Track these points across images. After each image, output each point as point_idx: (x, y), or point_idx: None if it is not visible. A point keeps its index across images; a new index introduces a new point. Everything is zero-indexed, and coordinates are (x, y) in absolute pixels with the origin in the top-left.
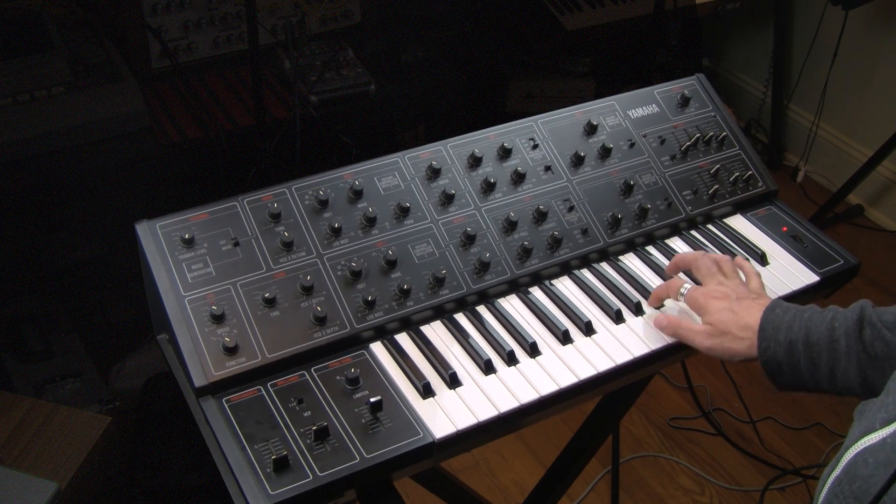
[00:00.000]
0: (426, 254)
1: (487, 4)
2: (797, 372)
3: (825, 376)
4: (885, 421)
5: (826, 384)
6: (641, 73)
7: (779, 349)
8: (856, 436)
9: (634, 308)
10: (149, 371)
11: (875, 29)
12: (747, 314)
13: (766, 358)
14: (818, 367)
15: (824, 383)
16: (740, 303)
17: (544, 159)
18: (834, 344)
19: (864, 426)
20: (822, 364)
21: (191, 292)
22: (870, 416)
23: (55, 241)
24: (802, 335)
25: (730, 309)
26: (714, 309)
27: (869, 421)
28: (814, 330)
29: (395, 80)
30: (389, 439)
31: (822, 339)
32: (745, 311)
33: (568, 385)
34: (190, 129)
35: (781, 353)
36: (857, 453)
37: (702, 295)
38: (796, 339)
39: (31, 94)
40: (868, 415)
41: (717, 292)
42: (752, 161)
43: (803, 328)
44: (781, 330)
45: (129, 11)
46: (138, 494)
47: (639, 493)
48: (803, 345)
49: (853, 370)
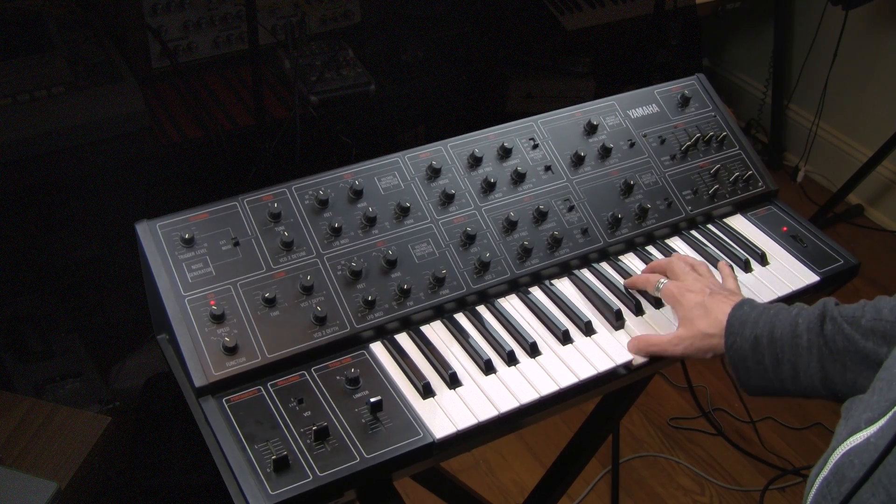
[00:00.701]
0: (426, 254)
1: (487, 4)
2: (761, 369)
3: (788, 373)
4: (869, 420)
5: (789, 382)
6: (641, 73)
7: (744, 344)
8: (842, 436)
9: (634, 308)
10: (149, 371)
11: (875, 29)
12: (718, 309)
13: (732, 353)
14: (781, 363)
15: (788, 381)
16: (713, 297)
17: (544, 159)
18: (796, 339)
19: (851, 426)
20: (784, 360)
21: (191, 292)
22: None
23: (55, 241)
24: (767, 331)
25: (702, 304)
26: (688, 303)
27: (855, 421)
28: (778, 325)
29: (395, 80)
30: (389, 439)
31: (785, 335)
32: (717, 305)
33: (568, 385)
34: (190, 129)
35: (747, 348)
36: (844, 454)
37: (677, 288)
38: (761, 335)
39: (31, 94)
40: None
41: (692, 286)
42: (752, 161)
43: (768, 324)
44: (748, 325)
45: (129, 11)
46: (138, 494)
47: (639, 493)
48: (767, 340)
49: (814, 366)
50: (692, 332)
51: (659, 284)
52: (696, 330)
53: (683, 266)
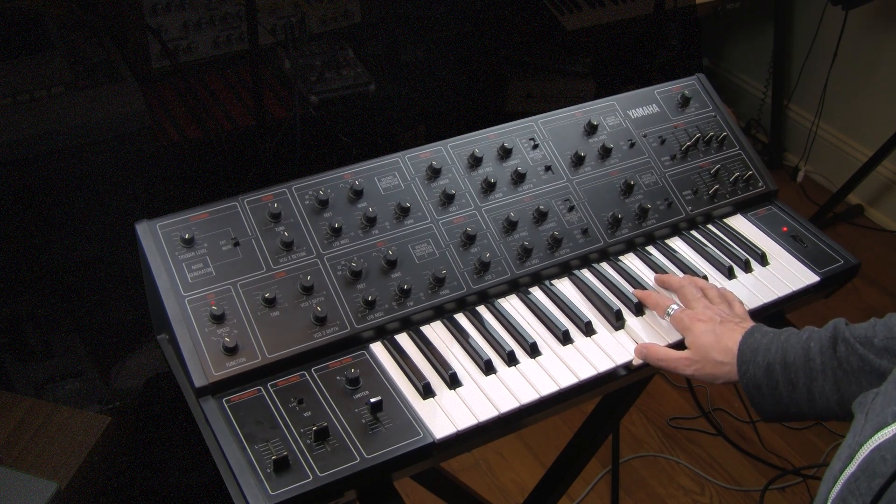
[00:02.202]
0: (426, 254)
1: (487, 4)
2: (776, 394)
3: (803, 396)
4: None
5: (805, 405)
6: (641, 73)
7: (758, 371)
8: (868, 432)
9: (634, 308)
10: (149, 371)
11: (875, 29)
12: (728, 338)
13: (746, 381)
14: (796, 388)
15: (804, 404)
16: (723, 326)
17: (544, 159)
18: (810, 363)
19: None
20: (799, 384)
21: (191, 292)
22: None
23: (55, 241)
24: (780, 356)
25: (713, 331)
26: (698, 331)
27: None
28: (790, 351)
29: (395, 80)
30: (389, 439)
31: (798, 359)
32: (727, 334)
33: (568, 385)
34: (190, 129)
35: (760, 375)
36: (873, 450)
37: (687, 317)
38: (774, 361)
39: (31, 94)
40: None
41: (702, 315)
42: (752, 161)
43: (780, 350)
44: (759, 352)
45: (129, 11)
46: (138, 494)
47: (639, 493)
48: (781, 366)
49: (829, 387)
50: (703, 358)
51: (669, 310)
52: (708, 356)
53: (694, 291)
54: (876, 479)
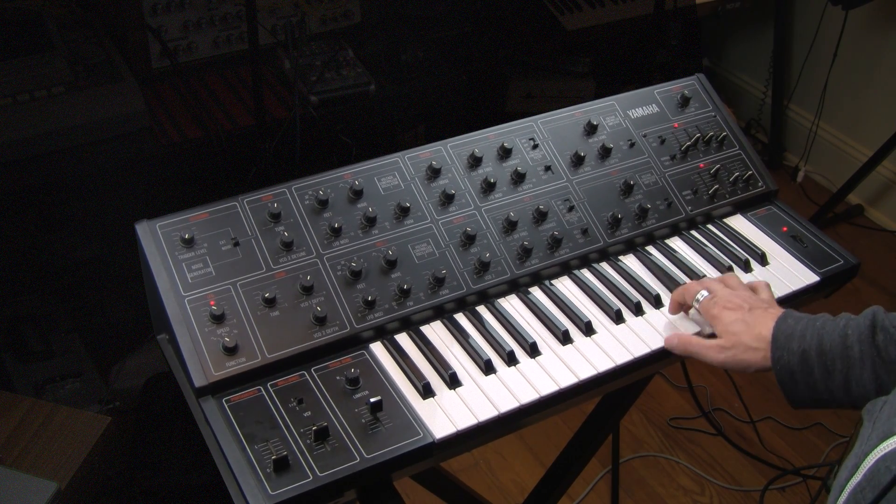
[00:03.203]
0: (426, 254)
1: (487, 4)
2: (811, 381)
3: (839, 384)
4: None
5: (840, 393)
6: (641, 73)
7: (792, 358)
8: (874, 441)
9: (634, 308)
10: (149, 371)
11: (875, 29)
12: (760, 324)
13: (780, 368)
14: (832, 376)
15: (839, 392)
16: (752, 313)
17: (544, 159)
18: (847, 350)
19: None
20: (836, 372)
21: (191, 292)
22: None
23: (55, 241)
24: (815, 343)
25: (742, 320)
26: (727, 319)
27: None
28: (826, 338)
29: (395, 80)
30: (389, 439)
31: (835, 347)
32: (758, 321)
33: (568, 385)
34: (190, 129)
35: (795, 362)
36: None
37: (715, 305)
38: (809, 348)
39: (31, 94)
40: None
41: (730, 303)
42: (752, 161)
43: (816, 336)
44: (794, 339)
45: (129, 11)
46: (138, 494)
47: (639, 493)
48: (816, 353)
49: (868, 376)
50: (735, 344)
51: (699, 296)
52: (740, 342)
53: (715, 282)
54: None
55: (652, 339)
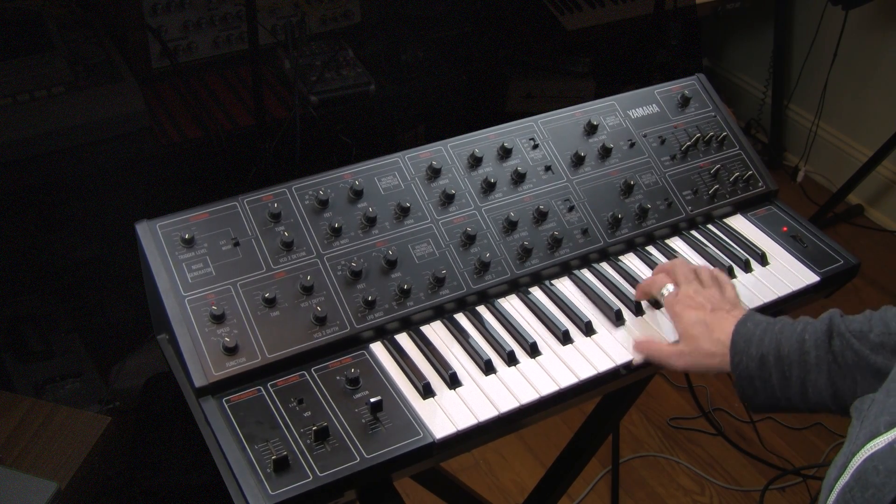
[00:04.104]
0: (426, 254)
1: (487, 4)
2: (769, 387)
3: (796, 390)
4: (889, 424)
5: (798, 399)
6: (641, 73)
7: (751, 363)
8: (861, 440)
9: (634, 308)
10: (149, 371)
11: (875, 29)
12: (719, 327)
13: (739, 372)
14: (789, 381)
15: (796, 398)
16: (714, 314)
17: (544, 159)
18: (804, 356)
19: (869, 430)
20: (793, 377)
21: (191, 292)
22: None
23: (55, 241)
24: (773, 348)
25: (703, 321)
26: (688, 320)
27: (873, 424)
28: (784, 343)
29: (395, 80)
30: (389, 439)
31: (792, 352)
32: (718, 323)
33: (568, 385)
34: (190, 129)
35: (753, 366)
36: (865, 459)
37: (678, 303)
38: (767, 353)
39: (31, 94)
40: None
41: (693, 301)
42: (752, 161)
43: (774, 341)
44: (753, 343)
45: (129, 11)
46: (138, 494)
47: (639, 493)
48: (774, 358)
49: (823, 382)
50: (694, 349)
51: (664, 290)
52: (698, 348)
53: (687, 272)
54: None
55: None
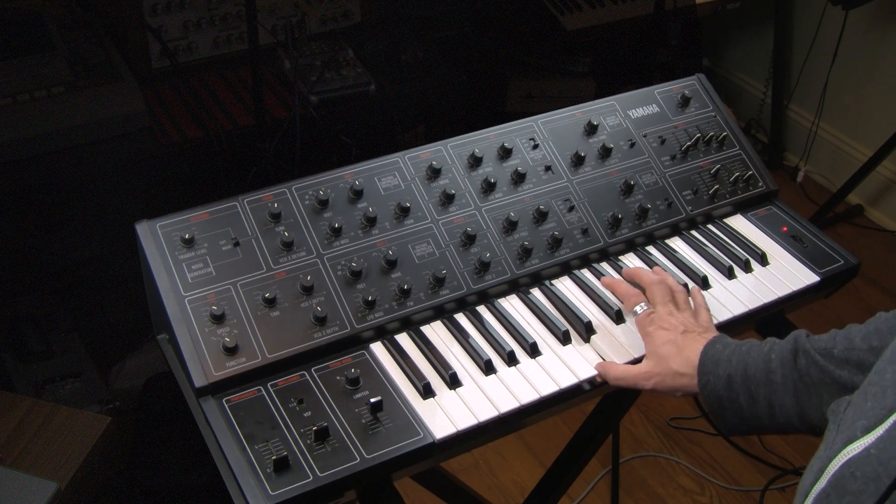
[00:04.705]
0: (426, 254)
1: (487, 4)
2: (737, 407)
3: (764, 410)
4: (865, 428)
5: (766, 419)
6: (641, 73)
7: (718, 383)
8: (838, 445)
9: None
10: (149, 371)
11: (875, 29)
12: (689, 348)
13: (707, 393)
14: (757, 401)
15: (764, 418)
16: (685, 336)
17: (544, 159)
18: (770, 375)
19: (846, 435)
20: (760, 397)
21: (191, 292)
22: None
23: (55, 241)
24: (741, 369)
25: (674, 342)
26: (659, 340)
27: (850, 429)
28: (751, 363)
29: (395, 80)
30: (389, 440)
31: (759, 372)
32: (689, 345)
33: (568, 385)
34: (190, 129)
35: (721, 387)
36: (843, 465)
37: (651, 323)
38: (735, 373)
39: (31, 94)
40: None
41: (665, 322)
42: (752, 161)
43: (741, 362)
44: (721, 364)
45: (129, 11)
46: (138, 494)
47: (639, 493)
48: (741, 378)
49: (790, 400)
50: (663, 370)
51: (636, 309)
52: (668, 368)
53: (664, 293)
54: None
55: None
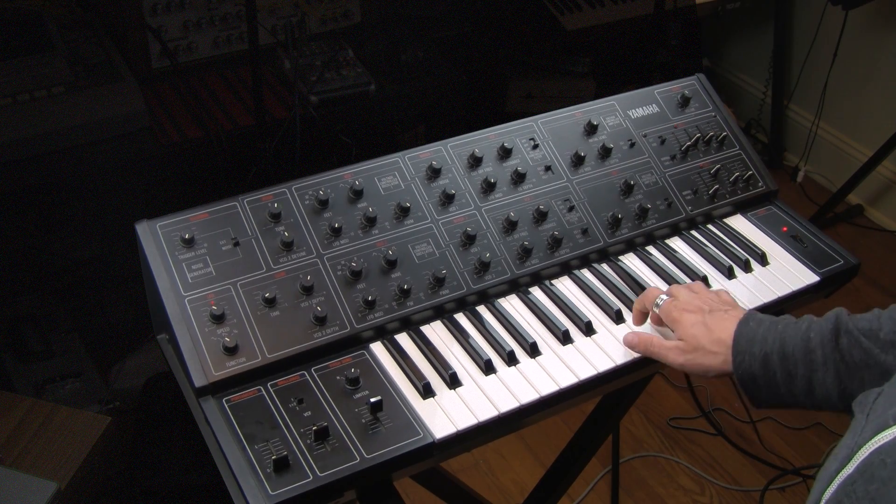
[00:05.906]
0: (426, 254)
1: (487, 4)
2: (773, 385)
3: (802, 389)
4: None
5: (803, 397)
6: (641, 73)
7: (754, 362)
8: (868, 433)
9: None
10: (149, 371)
11: (875, 29)
12: (720, 328)
13: (741, 372)
14: (794, 380)
15: (801, 396)
16: (713, 315)
17: (544, 159)
18: (810, 354)
19: (877, 423)
20: (798, 376)
21: (191, 292)
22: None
23: (55, 241)
24: (777, 347)
25: (703, 322)
26: (688, 322)
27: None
28: (789, 341)
29: (395, 80)
30: (389, 439)
31: (797, 351)
32: (718, 324)
33: (568, 385)
34: (190, 129)
35: (756, 366)
36: (872, 452)
37: (675, 308)
38: (771, 352)
39: (31, 94)
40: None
41: (690, 305)
42: (752, 161)
43: (778, 340)
44: (756, 343)
45: (129, 11)
46: (138, 494)
47: (639, 493)
48: (779, 357)
49: (831, 380)
50: (695, 348)
51: (658, 300)
52: (700, 347)
53: (677, 285)
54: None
55: None
